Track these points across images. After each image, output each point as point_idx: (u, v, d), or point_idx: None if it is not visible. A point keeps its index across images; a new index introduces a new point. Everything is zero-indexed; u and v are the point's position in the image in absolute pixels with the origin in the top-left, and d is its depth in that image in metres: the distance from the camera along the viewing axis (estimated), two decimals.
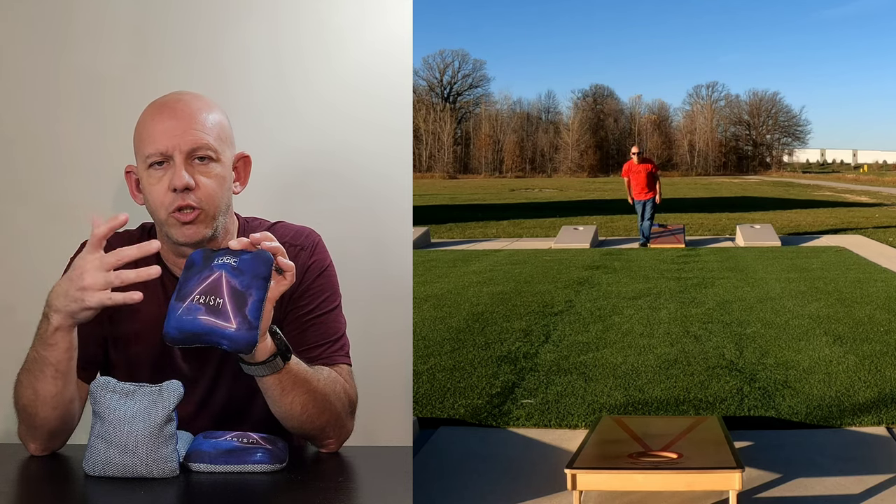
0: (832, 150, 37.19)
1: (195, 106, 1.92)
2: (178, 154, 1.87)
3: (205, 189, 1.89)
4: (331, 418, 1.87)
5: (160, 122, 1.89)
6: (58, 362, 1.76)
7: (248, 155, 2.02)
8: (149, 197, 1.91)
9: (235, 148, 1.99)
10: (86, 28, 2.54)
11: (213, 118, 1.92)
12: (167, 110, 1.90)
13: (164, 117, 1.89)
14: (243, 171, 2.01)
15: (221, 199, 1.93)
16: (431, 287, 6.64)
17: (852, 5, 58.19)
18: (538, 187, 24.16)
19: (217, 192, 1.91)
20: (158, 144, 1.87)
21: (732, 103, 37.91)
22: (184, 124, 1.88)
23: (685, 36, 54.09)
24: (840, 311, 5.53)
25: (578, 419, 3.43)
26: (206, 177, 1.89)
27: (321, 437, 1.90)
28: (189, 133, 1.88)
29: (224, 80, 2.52)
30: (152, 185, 1.90)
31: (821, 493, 2.56)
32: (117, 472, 1.63)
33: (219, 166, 1.91)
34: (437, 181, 29.23)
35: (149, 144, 1.89)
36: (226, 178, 1.94)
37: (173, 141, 1.87)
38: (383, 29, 2.55)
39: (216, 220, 1.92)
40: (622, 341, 4.73)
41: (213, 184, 1.90)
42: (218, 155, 1.91)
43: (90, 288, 1.68)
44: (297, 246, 2.01)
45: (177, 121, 1.88)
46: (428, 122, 34.01)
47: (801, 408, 3.52)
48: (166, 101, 1.93)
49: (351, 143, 2.55)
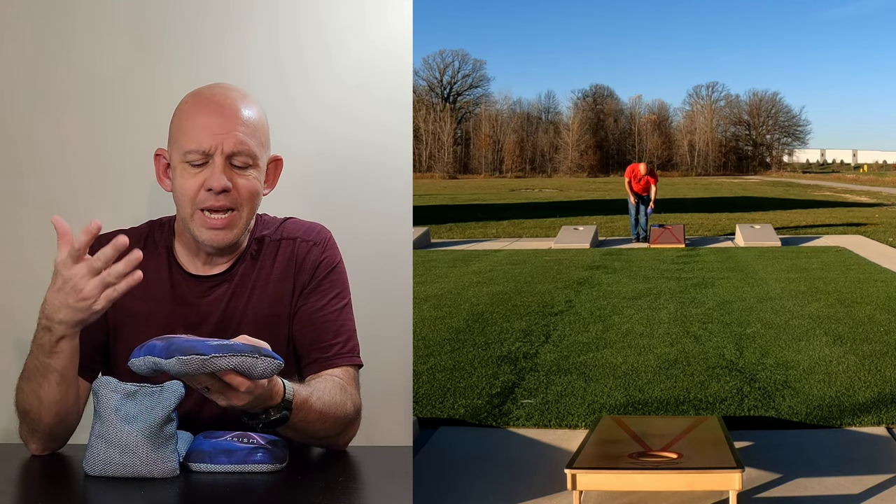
0: (832, 150, 37.22)
1: (239, 104, 1.89)
2: (218, 155, 1.86)
3: (241, 192, 1.88)
4: (337, 430, 1.89)
5: (204, 117, 1.86)
6: (63, 368, 1.75)
7: (281, 158, 2.01)
8: (179, 190, 1.90)
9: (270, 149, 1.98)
10: (86, 27, 2.54)
11: (256, 118, 1.91)
12: (211, 105, 1.88)
13: (207, 113, 1.87)
14: (273, 174, 2.00)
15: (257, 203, 1.93)
16: (431, 287, 6.65)
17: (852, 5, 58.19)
18: (538, 187, 24.16)
19: (252, 195, 1.91)
20: (201, 142, 1.85)
21: (732, 103, 37.95)
22: (228, 124, 1.86)
23: (685, 36, 54.14)
24: (840, 311, 5.53)
25: (578, 419, 3.43)
26: (244, 179, 1.89)
27: (328, 446, 1.92)
28: (232, 135, 1.86)
29: (224, 79, 2.50)
30: (185, 180, 1.88)
31: (821, 493, 2.56)
32: (117, 471, 1.63)
33: (255, 171, 1.91)
34: (437, 181, 29.23)
35: (190, 140, 1.86)
36: (260, 182, 1.93)
37: (215, 140, 1.85)
38: (383, 29, 2.54)
39: (247, 225, 1.93)
40: (622, 341, 4.73)
41: (249, 186, 1.89)
42: (256, 160, 1.90)
43: (92, 297, 1.67)
44: (308, 241, 2.01)
45: (222, 119, 1.86)
46: (428, 122, 34.01)
47: (801, 408, 3.52)
48: (210, 94, 1.90)
49: (351, 142, 2.54)
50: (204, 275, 1.97)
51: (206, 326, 1.94)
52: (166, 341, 1.57)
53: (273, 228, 2.03)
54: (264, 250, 2.00)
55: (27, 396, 1.78)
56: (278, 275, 1.99)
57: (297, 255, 2.00)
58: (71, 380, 1.77)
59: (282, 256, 2.00)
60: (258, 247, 2.00)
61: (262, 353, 1.60)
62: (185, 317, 1.95)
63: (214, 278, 1.96)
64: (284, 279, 1.99)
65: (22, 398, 1.80)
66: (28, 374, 1.78)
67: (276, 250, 2.00)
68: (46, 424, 1.80)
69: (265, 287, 1.98)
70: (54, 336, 1.72)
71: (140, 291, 1.95)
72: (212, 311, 1.95)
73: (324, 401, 1.82)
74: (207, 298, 1.95)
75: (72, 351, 1.75)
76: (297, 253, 2.00)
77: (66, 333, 1.72)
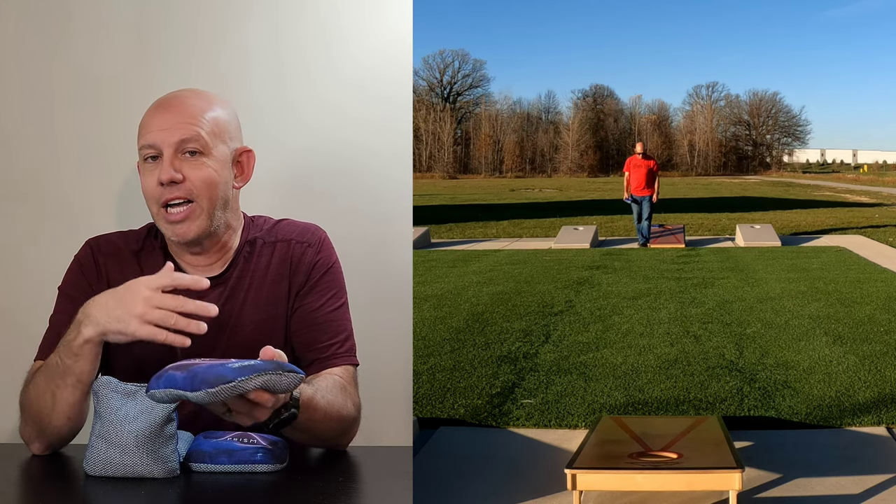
0: (832, 150, 37.24)
1: (191, 101, 1.92)
2: (166, 147, 1.88)
3: (194, 182, 1.89)
4: (340, 429, 1.89)
5: (155, 117, 1.91)
6: (81, 373, 1.75)
7: (251, 150, 2.01)
8: (143, 190, 1.93)
9: (238, 143, 1.99)
10: (84, 27, 2.54)
11: (210, 113, 1.93)
12: (163, 105, 1.92)
13: (159, 112, 1.91)
14: (246, 166, 2.00)
15: (216, 193, 1.92)
16: (431, 287, 6.64)
17: (853, 6, 58.21)
18: (538, 187, 24.16)
19: (208, 185, 1.90)
20: (149, 137, 1.89)
21: (732, 103, 37.96)
22: (174, 118, 1.89)
23: (685, 36, 54.17)
24: (840, 311, 5.53)
25: (578, 419, 3.43)
26: (197, 169, 1.89)
27: (330, 446, 1.93)
28: (179, 127, 1.89)
29: (224, 80, 2.52)
30: (145, 178, 1.92)
31: (821, 493, 2.56)
32: (117, 472, 1.63)
33: (210, 160, 1.91)
34: (437, 181, 29.23)
35: (141, 137, 1.91)
36: (219, 173, 1.93)
37: (162, 135, 1.88)
38: (384, 29, 2.54)
39: (212, 215, 1.92)
40: (622, 341, 4.73)
41: (202, 176, 1.90)
42: (209, 149, 1.91)
43: (141, 318, 1.68)
44: (303, 243, 2.01)
45: (169, 115, 1.90)
46: (428, 122, 34.02)
47: (801, 408, 3.52)
48: (166, 97, 1.95)
49: (351, 143, 2.55)
50: None
51: None
52: (186, 371, 1.53)
53: (266, 230, 2.03)
54: (257, 252, 2.00)
55: (43, 394, 1.77)
56: (273, 277, 1.99)
57: (291, 256, 2.00)
58: (86, 387, 1.77)
59: (276, 258, 2.00)
60: (251, 249, 2.00)
61: (286, 368, 1.59)
62: None
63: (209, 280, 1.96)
64: (279, 281, 1.99)
65: (35, 395, 1.79)
66: (48, 371, 1.77)
67: (271, 252, 2.00)
68: (55, 427, 1.79)
69: (260, 289, 1.98)
70: (82, 336, 1.72)
71: None
72: None
73: (327, 399, 1.82)
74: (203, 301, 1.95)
75: (94, 357, 1.75)
76: (292, 254, 2.00)
77: (91, 338, 1.72)
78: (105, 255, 1.99)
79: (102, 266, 1.97)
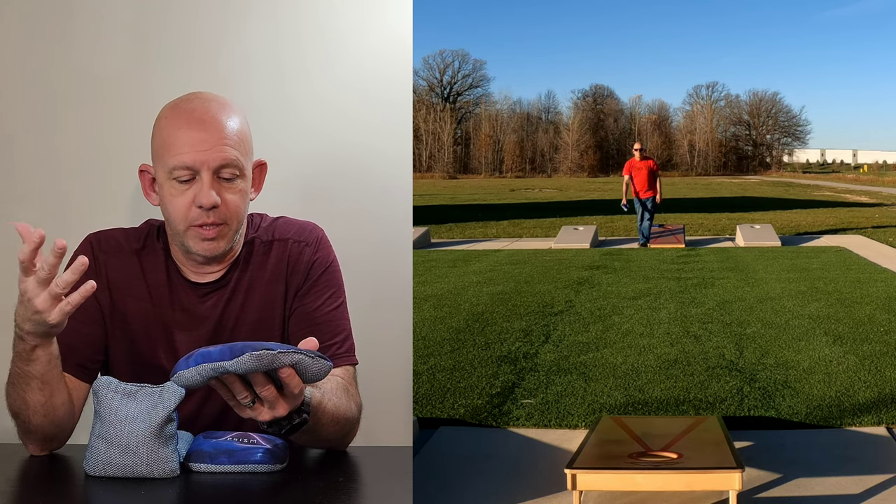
0: (832, 150, 37.20)
1: (219, 117, 1.87)
2: (205, 171, 1.84)
3: (230, 206, 1.88)
4: (344, 431, 1.90)
5: (187, 134, 1.84)
6: (42, 374, 1.75)
7: (265, 162, 2.00)
8: (169, 207, 1.88)
9: (253, 154, 1.97)
10: (84, 27, 2.54)
11: (237, 126, 1.89)
12: (193, 121, 1.85)
13: (191, 129, 1.84)
14: (258, 179, 2.00)
15: (244, 214, 1.93)
16: (431, 287, 6.64)
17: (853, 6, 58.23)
18: (538, 187, 24.15)
19: (241, 207, 1.90)
20: (185, 158, 1.84)
21: (732, 103, 37.91)
22: (211, 138, 1.84)
23: (685, 36, 54.15)
24: (840, 311, 5.53)
25: (578, 419, 3.43)
26: (232, 193, 1.88)
27: (332, 447, 1.93)
28: (217, 150, 1.84)
29: (224, 81, 2.52)
30: (174, 197, 1.87)
31: (821, 493, 2.56)
32: (117, 472, 1.63)
33: (243, 181, 1.90)
34: (437, 181, 29.22)
35: (174, 156, 1.84)
36: (247, 191, 1.93)
37: (201, 157, 1.84)
38: (383, 29, 2.54)
39: (237, 233, 1.93)
40: (622, 341, 4.73)
41: (237, 199, 1.89)
42: (244, 171, 1.90)
43: (44, 310, 1.64)
44: (300, 242, 2.00)
45: (205, 133, 1.84)
46: (428, 122, 34.00)
47: (801, 408, 3.52)
48: (191, 109, 1.87)
49: (351, 143, 2.55)
50: (200, 282, 1.97)
51: (202, 330, 1.95)
52: (219, 347, 1.54)
53: (263, 229, 2.02)
54: (255, 252, 1.99)
55: (14, 401, 1.79)
56: (271, 277, 1.98)
57: (289, 256, 1.99)
58: (54, 383, 1.77)
59: (273, 258, 1.99)
60: (249, 250, 1.99)
61: (316, 354, 1.60)
62: (181, 320, 1.95)
63: (209, 285, 1.96)
64: (277, 281, 1.98)
65: (10, 402, 1.80)
66: (12, 380, 1.78)
67: (268, 252, 1.99)
68: (36, 426, 1.80)
69: (259, 290, 1.98)
70: (27, 345, 1.71)
71: (139, 292, 1.95)
72: (208, 316, 1.96)
73: (334, 402, 1.82)
74: (204, 304, 1.96)
75: (48, 357, 1.74)
76: (290, 254, 1.99)
77: (37, 343, 1.71)
78: (106, 253, 1.98)
79: (102, 264, 1.97)
